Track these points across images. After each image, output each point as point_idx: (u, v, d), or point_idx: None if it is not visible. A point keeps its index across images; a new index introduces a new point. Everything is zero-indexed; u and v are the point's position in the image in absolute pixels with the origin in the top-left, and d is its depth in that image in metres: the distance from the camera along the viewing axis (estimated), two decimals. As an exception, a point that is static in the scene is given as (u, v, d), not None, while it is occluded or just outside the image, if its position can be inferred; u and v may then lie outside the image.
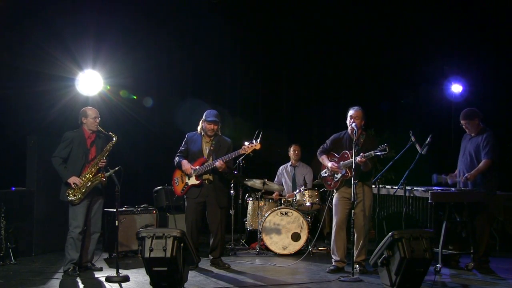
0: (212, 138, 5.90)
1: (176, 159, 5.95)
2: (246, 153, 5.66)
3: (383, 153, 5.17)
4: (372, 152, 5.23)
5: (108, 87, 7.30)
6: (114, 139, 5.50)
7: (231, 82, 9.27)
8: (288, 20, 9.28)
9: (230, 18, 8.98)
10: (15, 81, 6.84)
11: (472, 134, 5.75)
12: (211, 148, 5.87)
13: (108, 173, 5.34)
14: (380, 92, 9.18)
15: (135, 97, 8.12)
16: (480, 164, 5.54)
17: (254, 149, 5.63)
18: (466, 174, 5.56)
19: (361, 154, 5.27)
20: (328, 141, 5.81)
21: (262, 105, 9.45)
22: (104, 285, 5.00)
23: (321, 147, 5.85)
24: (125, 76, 7.61)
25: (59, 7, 7.09)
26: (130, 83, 7.84)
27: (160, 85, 8.56)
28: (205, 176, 5.81)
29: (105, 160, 5.45)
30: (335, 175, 5.64)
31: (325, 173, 5.80)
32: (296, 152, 7.74)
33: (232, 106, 8.93)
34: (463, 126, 5.78)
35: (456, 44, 8.81)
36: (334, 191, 5.72)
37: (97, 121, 5.53)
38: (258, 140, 5.63)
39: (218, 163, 5.65)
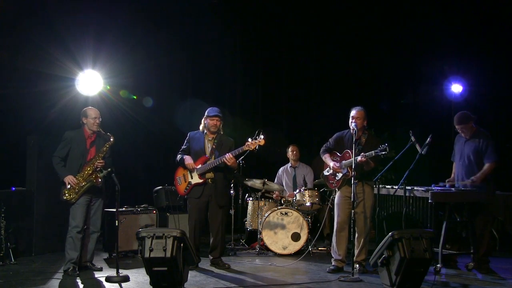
0: (214, 136, 5.89)
1: (178, 156, 5.93)
2: (250, 149, 5.63)
3: (383, 153, 5.18)
4: (372, 151, 5.24)
5: (108, 87, 7.29)
6: (111, 139, 5.49)
7: (231, 82, 9.27)
8: (288, 20, 9.29)
9: (230, 18, 8.99)
10: (15, 81, 6.84)
11: (467, 137, 5.76)
12: (214, 146, 5.85)
13: (102, 174, 5.35)
14: (380, 92, 9.19)
15: (135, 97, 8.12)
16: (485, 167, 5.54)
17: (259, 145, 5.59)
18: (473, 177, 5.55)
19: (362, 154, 5.28)
20: (331, 140, 5.82)
21: (262, 105, 9.45)
22: (104, 285, 5.00)
23: (324, 145, 5.85)
24: (125, 76, 7.61)
25: (59, 7, 7.08)
26: (130, 83, 7.84)
27: (160, 85, 8.56)
28: (208, 175, 5.79)
29: (102, 161, 5.42)
30: (337, 174, 5.65)
31: (328, 171, 5.81)
32: (295, 152, 7.72)
33: (232, 106, 8.93)
34: (459, 131, 5.79)
35: (456, 44, 8.81)
36: (336, 190, 5.73)
37: (97, 121, 5.52)
38: (262, 136, 5.60)
39: (228, 155, 5.60)
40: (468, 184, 5.61)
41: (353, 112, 5.55)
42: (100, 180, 5.39)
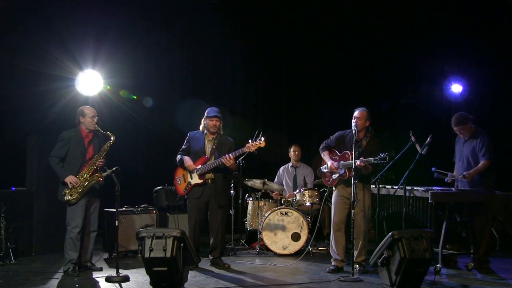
0: (214, 136, 5.90)
1: (178, 156, 5.93)
2: (251, 151, 5.63)
3: (382, 161, 5.19)
4: (372, 158, 5.23)
5: (108, 87, 7.29)
6: (112, 138, 5.47)
7: (231, 82, 9.27)
8: (288, 20, 9.29)
9: (230, 18, 8.98)
10: (15, 81, 6.84)
11: (466, 138, 5.75)
12: (214, 146, 5.85)
13: (106, 173, 5.33)
14: (380, 92, 9.18)
15: (135, 97, 8.13)
16: (479, 165, 5.54)
17: (259, 147, 5.60)
18: (464, 173, 5.56)
19: (361, 158, 5.28)
20: (332, 137, 5.81)
21: (262, 105, 9.45)
22: (104, 285, 5.00)
23: (324, 142, 5.84)
24: (125, 76, 7.61)
25: (59, 7, 7.09)
26: (130, 83, 7.84)
27: (160, 85, 8.55)
28: (208, 175, 5.79)
29: (102, 160, 5.43)
30: (333, 173, 5.66)
31: (325, 168, 5.81)
32: (297, 152, 7.73)
33: (232, 106, 8.93)
34: (457, 132, 5.79)
35: (456, 44, 8.81)
36: (334, 188, 5.73)
37: (95, 120, 5.51)
38: (262, 138, 5.60)
39: (227, 157, 5.59)
40: (459, 179, 5.61)
41: (355, 113, 5.56)
42: (101, 179, 5.39)
